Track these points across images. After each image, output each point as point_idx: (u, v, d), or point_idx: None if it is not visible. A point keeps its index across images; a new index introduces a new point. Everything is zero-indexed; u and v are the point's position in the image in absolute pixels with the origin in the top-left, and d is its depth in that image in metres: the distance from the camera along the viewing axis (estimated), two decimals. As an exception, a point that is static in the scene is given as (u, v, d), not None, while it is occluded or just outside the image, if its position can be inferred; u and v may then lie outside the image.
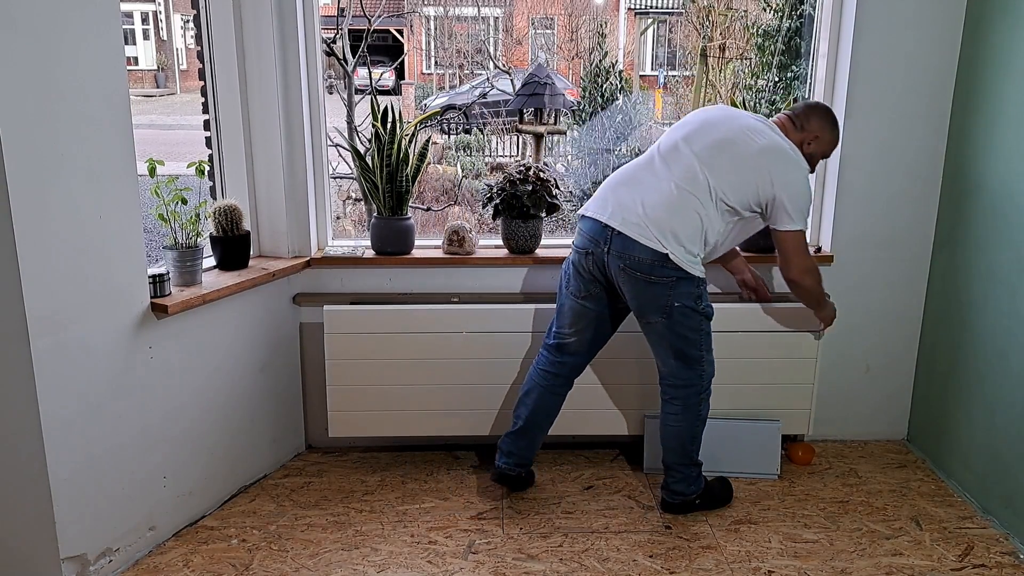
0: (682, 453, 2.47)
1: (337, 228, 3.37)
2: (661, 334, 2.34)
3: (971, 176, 2.67)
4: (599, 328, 2.47)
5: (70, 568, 2.09)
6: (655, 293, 2.26)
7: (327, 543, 2.40)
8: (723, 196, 2.25)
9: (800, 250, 2.33)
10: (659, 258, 2.22)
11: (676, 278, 2.24)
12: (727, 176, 2.25)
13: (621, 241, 2.25)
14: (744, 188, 2.25)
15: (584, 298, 2.41)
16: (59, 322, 1.98)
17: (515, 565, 2.29)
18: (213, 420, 2.53)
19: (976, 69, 2.64)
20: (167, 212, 2.36)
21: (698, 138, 2.31)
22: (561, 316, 2.48)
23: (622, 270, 2.27)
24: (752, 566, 2.29)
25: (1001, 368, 2.49)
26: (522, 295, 2.86)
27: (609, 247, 2.27)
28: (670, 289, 2.25)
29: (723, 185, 2.24)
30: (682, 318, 2.29)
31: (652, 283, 2.25)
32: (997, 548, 2.39)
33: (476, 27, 8.45)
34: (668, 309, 2.27)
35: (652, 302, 2.28)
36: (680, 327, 2.31)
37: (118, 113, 2.06)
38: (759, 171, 2.25)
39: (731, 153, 2.27)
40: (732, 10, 6.21)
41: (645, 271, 2.24)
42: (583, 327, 2.45)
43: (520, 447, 2.55)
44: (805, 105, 2.44)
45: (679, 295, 2.26)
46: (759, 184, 2.25)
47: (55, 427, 2.00)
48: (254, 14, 2.59)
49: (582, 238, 2.37)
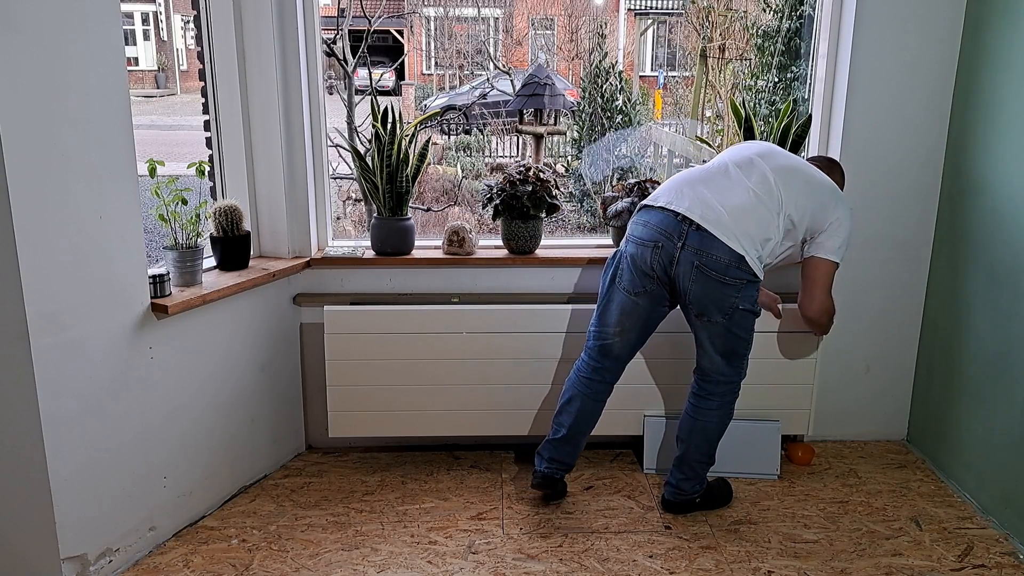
0: (707, 450, 2.47)
1: (337, 228, 3.38)
2: (718, 333, 2.33)
3: (971, 176, 2.67)
4: (645, 329, 2.42)
5: (70, 568, 2.10)
6: (724, 294, 2.25)
7: (327, 543, 2.40)
8: (790, 213, 2.27)
9: (828, 285, 2.36)
10: (735, 259, 2.22)
11: (747, 281, 2.24)
12: (799, 195, 2.29)
13: (699, 237, 2.23)
14: (809, 210, 2.29)
15: (640, 295, 2.35)
16: (59, 322, 1.98)
17: (515, 565, 2.29)
18: (213, 420, 2.53)
19: (976, 69, 2.64)
20: (167, 212, 2.36)
21: (771, 158, 2.36)
22: (607, 313, 2.41)
23: (696, 267, 2.24)
24: (752, 566, 2.29)
25: (1001, 368, 2.49)
26: (522, 295, 2.86)
27: (684, 242, 2.25)
28: (738, 291, 2.25)
29: (792, 202, 2.27)
30: (741, 320, 2.30)
31: (724, 284, 2.24)
32: (997, 548, 2.39)
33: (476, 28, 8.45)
34: (731, 310, 2.27)
35: (719, 302, 2.26)
36: (738, 328, 2.31)
37: (118, 113, 2.06)
38: (821, 200, 2.30)
39: (804, 177, 2.33)
40: (732, 11, 6.21)
41: (720, 271, 2.23)
42: (630, 326, 2.39)
43: (563, 453, 2.52)
44: (827, 158, 2.59)
45: (744, 298, 2.26)
46: (822, 210, 2.29)
47: (55, 427, 2.01)
48: (254, 15, 2.59)
49: (648, 230, 2.31)
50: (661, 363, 2.75)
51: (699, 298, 2.27)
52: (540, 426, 2.80)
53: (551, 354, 2.75)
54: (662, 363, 2.75)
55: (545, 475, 2.53)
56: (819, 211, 2.29)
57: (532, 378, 2.76)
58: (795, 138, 2.76)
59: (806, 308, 2.40)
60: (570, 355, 2.74)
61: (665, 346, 2.69)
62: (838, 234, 2.30)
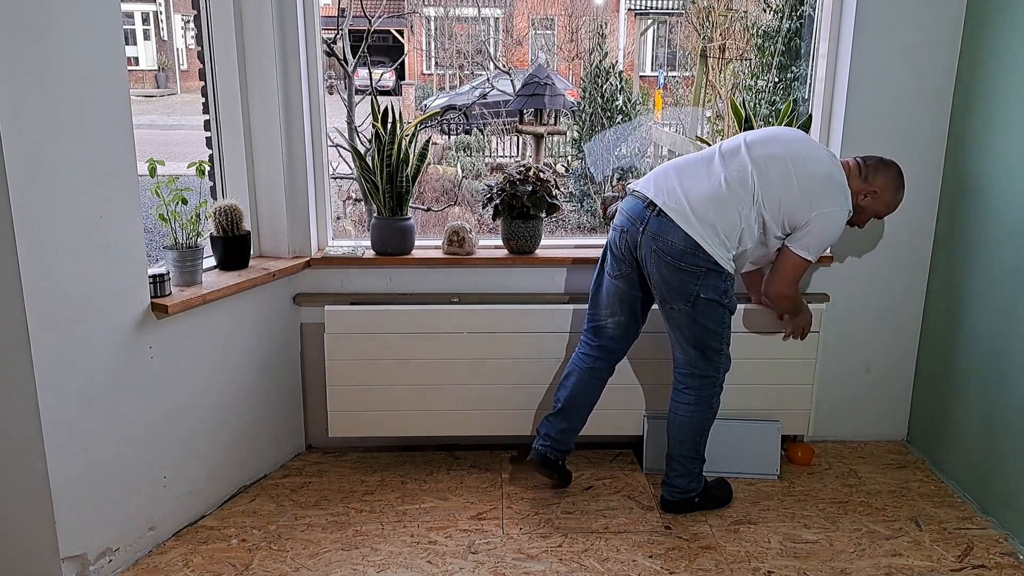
0: (690, 446, 2.47)
1: (337, 228, 3.38)
2: (683, 322, 2.35)
3: (971, 176, 2.67)
4: (633, 311, 2.49)
5: (70, 568, 2.10)
6: (683, 280, 2.27)
7: (327, 543, 2.40)
8: (763, 206, 2.27)
9: (794, 278, 2.37)
10: (691, 246, 2.23)
11: (706, 269, 2.26)
12: (772, 188, 2.27)
13: (658, 223, 2.27)
14: (783, 205, 2.27)
15: (617, 277, 2.43)
16: (59, 322, 1.98)
17: (515, 565, 2.29)
18: (213, 420, 2.53)
19: (976, 69, 2.64)
20: (167, 212, 2.36)
21: (759, 146, 2.34)
22: (598, 297, 2.51)
23: (653, 251, 2.28)
24: (752, 566, 2.29)
25: (1001, 368, 2.49)
26: (522, 295, 2.86)
27: (644, 227, 2.29)
28: (698, 279, 2.26)
29: (766, 195, 2.27)
30: (707, 309, 2.31)
31: (681, 270, 2.26)
32: (997, 548, 2.39)
33: (476, 28, 8.45)
34: (693, 298, 2.29)
35: (679, 288, 2.29)
36: (704, 318, 2.32)
37: (119, 113, 2.06)
38: (804, 194, 2.26)
39: (782, 169, 2.28)
40: (732, 11, 6.21)
41: (676, 256, 2.25)
42: (618, 308, 2.47)
43: (560, 430, 2.55)
44: (880, 159, 2.42)
45: (706, 286, 2.28)
46: (798, 207, 2.26)
47: (55, 427, 2.01)
48: (254, 14, 2.59)
49: (621, 216, 2.40)
50: (660, 363, 2.75)
51: (659, 283, 2.32)
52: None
53: (551, 354, 2.75)
54: (661, 363, 2.75)
55: (540, 454, 2.56)
56: (796, 207, 2.26)
57: (532, 378, 2.77)
58: (795, 138, 2.76)
59: (768, 286, 2.46)
60: (570, 355, 2.73)
61: (664, 346, 2.68)
62: (812, 232, 2.27)
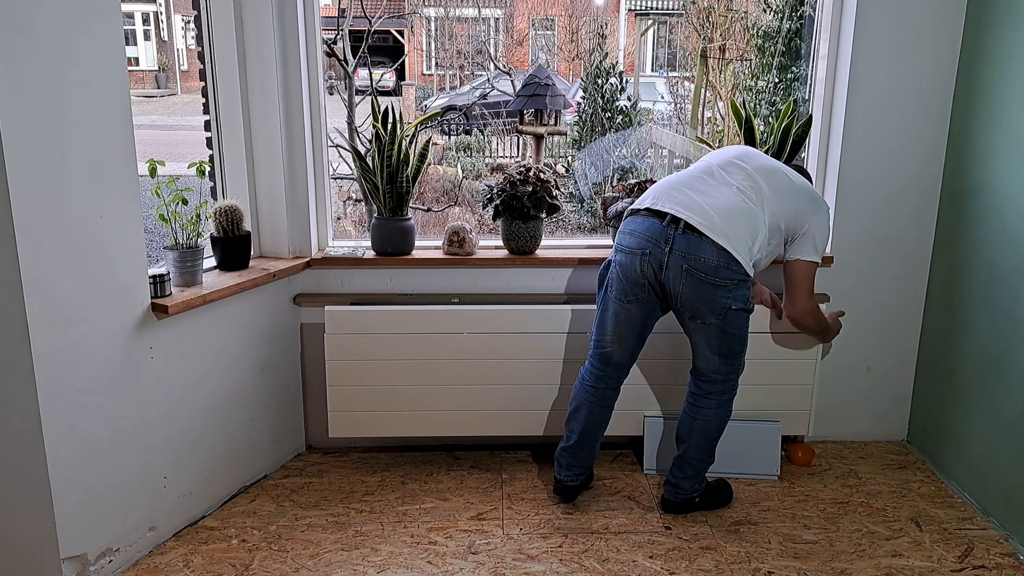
0: (707, 448, 2.48)
1: (338, 229, 3.38)
2: (712, 334, 2.32)
3: (971, 177, 2.67)
4: (642, 334, 2.42)
5: (70, 568, 2.10)
6: (716, 295, 2.24)
7: (327, 543, 2.40)
8: (775, 212, 2.29)
9: (809, 285, 2.37)
10: (725, 260, 2.21)
11: (738, 280, 2.24)
12: (781, 196, 2.30)
13: (686, 240, 2.22)
14: (791, 210, 2.30)
15: (631, 302, 2.34)
16: (59, 322, 1.98)
17: (515, 565, 2.29)
18: (213, 420, 2.53)
19: (976, 69, 2.64)
20: (168, 212, 2.36)
21: (750, 160, 2.37)
22: (604, 323, 2.41)
23: (686, 271, 2.23)
24: (752, 567, 2.29)
25: (1001, 369, 2.49)
26: (522, 296, 2.86)
27: (672, 246, 2.23)
28: (729, 292, 2.24)
29: (777, 201, 2.29)
30: (735, 319, 2.30)
31: (716, 285, 2.23)
32: (997, 549, 2.39)
33: (477, 28, 8.45)
34: (724, 311, 2.27)
35: (711, 304, 2.25)
36: (732, 327, 2.31)
37: (119, 113, 2.06)
38: (803, 202, 2.32)
39: (781, 178, 2.34)
40: (732, 11, 6.21)
41: (711, 272, 2.21)
42: (626, 333, 2.39)
43: (579, 458, 2.56)
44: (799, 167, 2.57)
45: (736, 298, 2.26)
46: (800, 211, 2.31)
47: (55, 427, 2.01)
48: (255, 15, 2.59)
49: (635, 238, 2.30)
50: (660, 363, 2.75)
51: (691, 301, 2.26)
52: (540, 426, 2.80)
53: (551, 354, 2.75)
54: (661, 363, 2.76)
55: (565, 485, 2.58)
56: (798, 213, 2.31)
57: (532, 378, 2.77)
58: (795, 139, 2.76)
59: (789, 310, 2.43)
60: (570, 355, 2.74)
61: (664, 347, 2.69)
62: (819, 233, 2.32)
